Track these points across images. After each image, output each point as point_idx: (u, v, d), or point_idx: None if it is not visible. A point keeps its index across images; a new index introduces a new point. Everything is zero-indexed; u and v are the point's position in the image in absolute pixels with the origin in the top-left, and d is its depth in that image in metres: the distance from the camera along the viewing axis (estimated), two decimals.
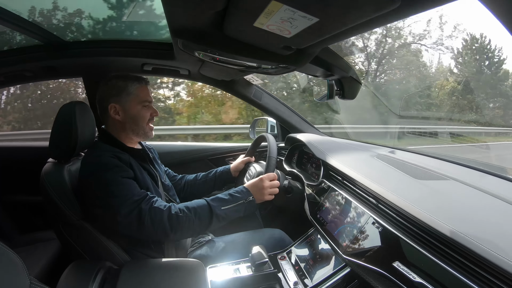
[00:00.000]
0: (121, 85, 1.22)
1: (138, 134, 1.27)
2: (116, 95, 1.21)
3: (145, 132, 1.27)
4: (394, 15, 0.61)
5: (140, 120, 1.24)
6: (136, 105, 1.23)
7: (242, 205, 1.20)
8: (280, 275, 1.13)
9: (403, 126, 5.49)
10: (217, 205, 1.16)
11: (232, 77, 1.67)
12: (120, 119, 1.22)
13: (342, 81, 1.41)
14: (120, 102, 1.21)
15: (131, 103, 1.22)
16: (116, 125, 1.24)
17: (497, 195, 0.81)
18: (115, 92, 1.21)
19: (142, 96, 1.24)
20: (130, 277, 1.01)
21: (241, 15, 0.70)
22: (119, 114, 1.22)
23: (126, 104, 1.22)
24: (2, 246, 0.58)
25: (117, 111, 1.22)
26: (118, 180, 1.08)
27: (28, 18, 1.24)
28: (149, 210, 1.07)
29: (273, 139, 1.46)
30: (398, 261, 0.76)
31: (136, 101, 1.23)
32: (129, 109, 1.22)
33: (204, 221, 1.14)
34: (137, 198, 1.08)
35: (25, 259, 0.61)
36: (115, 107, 1.21)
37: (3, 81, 1.69)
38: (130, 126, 1.24)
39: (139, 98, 1.23)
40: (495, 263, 0.57)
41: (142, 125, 1.25)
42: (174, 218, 1.09)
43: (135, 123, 1.24)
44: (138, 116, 1.24)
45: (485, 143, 5.13)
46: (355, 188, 1.10)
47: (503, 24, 0.44)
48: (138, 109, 1.23)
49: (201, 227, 1.14)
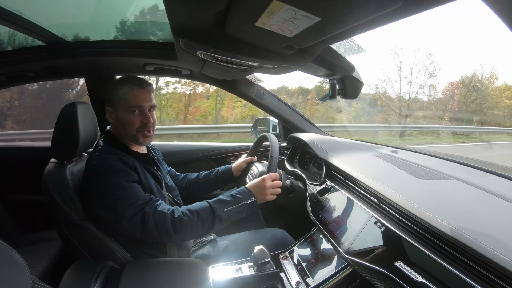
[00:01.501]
0: (114, 88, 1.20)
1: (129, 140, 1.23)
2: (109, 98, 1.20)
3: (136, 139, 1.22)
4: (395, 15, 0.61)
5: (128, 126, 1.19)
6: (124, 110, 1.18)
7: (244, 206, 1.20)
8: (282, 274, 1.13)
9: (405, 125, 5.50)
10: (219, 207, 1.16)
11: (234, 76, 1.67)
12: (114, 123, 1.22)
13: (344, 80, 1.41)
14: (113, 105, 1.20)
15: (120, 108, 1.19)
16: (117, 127, 1.23)
17: (500, 194, 0.81)
18: (109, 96, 1.21)
19: (131, 101, 1.18)
20: (132, 276, 1.01)
21: (243, 15, 0.70)
22: (112, 118, 1.21)
23: (116, 109, 1.20)
24: (4, 245, 0.59)
25: (111, 115, 1.21)
26: (123, 184, 1.08)
27: (30, 19, 1.24)
28: (153, 213, 1.07)
29: (275, 139, 1.46)
30: (401, 260, 0.76)
31: (124, 106, 1.18)
32: (118, 114, 1.19)
33: (207, 223, 1.14)
34: (141, 202, 1.08)
35: (28, 258, 0.61)
36: (109, 110, 1.21)
37: (5, 81, 1.70)
38: (121, 131, 1.22)
39: (127, 103, 1.18)
40: (498, 263, 0.56)
41: (130, 131, 1.20)
42: (177, 222, 1.09)
43: (124, 129, 1.21)
44: (125, 122, 1.19)
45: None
46: (357, 188, 1.10)
47: (505, 23, 0.44)
48: (126, 115, 1.18)
49: (204, 229, 1.14)
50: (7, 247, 0.59)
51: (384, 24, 0.68)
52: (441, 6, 0.56)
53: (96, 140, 1.30)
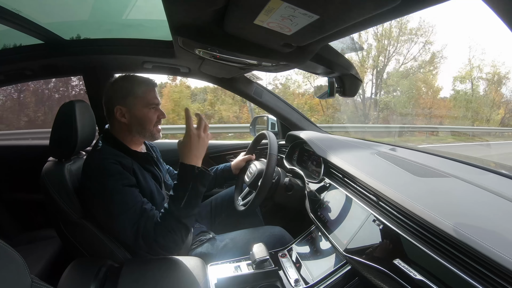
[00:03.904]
0: (128, 87, 1.20)
1: (144, 137, 1.25)
2: (122, 97, 1.19)
3: (152, 135, 1.25)
4: (394, 13, 0.61)
5: (147, 123, 1.22)
6: (143, 108, 1.20)
7: (194, 184, 1.11)
8: (281, 272, 1.14)
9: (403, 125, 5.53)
10: (175, 209, 1.08)
11: (233, 74, 1.67)
12: (127, 122, 1.21)
13: (343, 78, 1.41)
14: (127, 104, 1.19)
15: (138, 106, 1.20)
16: (122, 127, 1.22)
17: (498, 192, 0.81)
18: (121, 95, 1.19)
19: (149, 99, 1.21)
20: (131, 274, 1.01)
21: (242, 13, 0.70)
22: (125, 117, 1.20)
23: (133, 107, 1.19)
24: (3, 244, 0.59)
25: (123, 114, 1.20)
26: (119, 189, 1.06)
27: (28, 17, 1.23)
28: (143, 228, 1.04)
29: (273, 137, 1.46)
30: (399, 258, 0.76)
31: (142, 103, 1.20)
32: (135, 112, 1.20)
33: (179, 227, 1.08)
34: (133, 214, 1.05)
35: (26, 257, 0.61)
36: (121, 110, 1.19)
37: (3, 79, 1.69)
38: (137, 129, 1.22)
39: (146, 100, 1.20)
40: (496, 261, 0.57)
41: (149, 127, 1.23)
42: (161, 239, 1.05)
43: (141, 126, 1.22)
44: (145, 119, 1.21)
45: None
46: (355, 186, 1.10)
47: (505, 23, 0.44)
48: (145, 112, 1.21)
49: (182, 232, 1.09)
50: (6, 246, 0.59)
51: (383, 22, 0.68)
52: (438, 4, 0.56)
53: (94, 139, 1.29)
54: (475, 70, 15.72)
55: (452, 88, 16.10)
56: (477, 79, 15.67)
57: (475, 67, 15.73)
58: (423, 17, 14.94)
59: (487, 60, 17.82)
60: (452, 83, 16.05)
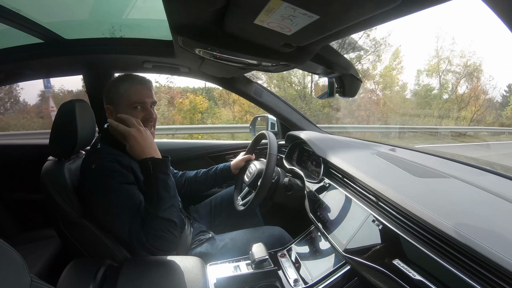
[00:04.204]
0: (114, 86, 1.20)
1: None
2: (109, 96, 1.20)
3: None
4: (394, 13, 0.61)
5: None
6: (126, 107, 1.17)
7: (153, 175, 1.05)
8: (280, 272, 1.14)
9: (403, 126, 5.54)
10: (149, 206, 1.05)
11: (232, 74, 1.67)
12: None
13: (342, 78, 1.41)
14: (113, 103, 1.19)
15: (121, 105, 1.18)
16: None
17: (498, 193, 0.81)
18: (109, 94, 1.20)
19: (132, 97, 1.17)
20: (130, 274, 1.01)
21: (242, 13, 0.70)
22: (113, 116, 1.19)
23: (117, 106, 1.19)
24: (2, 244, 0.58)
25: (111, 113, 1.20)
26: (116, 187, 1.06)
27: (28, 16, 1.23)
28: (140, 229, 1.03)
29: (273, 137, 1.46)
30: (398, 259, 0.76)
31: (126, 103, 1.17)
32: (119, 111, 1.17)
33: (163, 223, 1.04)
34: (132, 214, 1.05)
35: (26, 257, 0.61)
36: (109, 109, 1.20)
37: (3, 78, 1.69)
38: None
39: (129, 100, 1.17)
40: (495, 261, 0.57)
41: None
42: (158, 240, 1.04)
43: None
44: None
45: None
46: (355, 186, 1.10)
47: (505, 23, 0.44)
48: (128, 112, 1.16)
49: (169, 228, 1.05)
50: (5, 245, 0.59)
51: (383, 23, 0.68)
52: (439, 5, 0.56)
53: (94, 138, 1.29)
54: (443, 62, 14.94)
55: (416, 83, 15.46)
56: (446, 72, 15.07)
57: (444, 58, 14.95)
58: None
59: (457, 51, 16.39)
60: (416, 77, 15.44)
